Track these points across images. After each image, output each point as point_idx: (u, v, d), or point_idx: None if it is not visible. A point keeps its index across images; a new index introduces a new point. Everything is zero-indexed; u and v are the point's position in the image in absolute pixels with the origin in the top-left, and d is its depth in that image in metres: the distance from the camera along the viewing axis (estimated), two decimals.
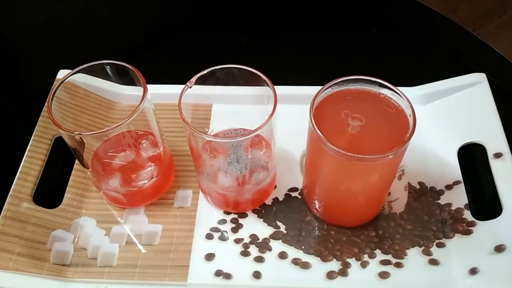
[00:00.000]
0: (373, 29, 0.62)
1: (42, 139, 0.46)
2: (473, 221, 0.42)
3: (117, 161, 0.42)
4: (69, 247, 0.42)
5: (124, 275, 0.41)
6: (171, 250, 0.42)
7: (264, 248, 0.42)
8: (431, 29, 0.63)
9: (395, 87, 0.36)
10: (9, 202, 0.42)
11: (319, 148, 0.35)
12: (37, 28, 0.66)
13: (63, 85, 0.39)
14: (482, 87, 0.48)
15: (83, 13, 0.67)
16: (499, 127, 0.45)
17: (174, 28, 0.65)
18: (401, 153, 0.35)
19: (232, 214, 0.44)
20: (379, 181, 0.38)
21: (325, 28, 0.64)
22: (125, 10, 0.68)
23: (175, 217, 0.44)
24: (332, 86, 0.37)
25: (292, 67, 0.58)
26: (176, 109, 0.36)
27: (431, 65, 0.58)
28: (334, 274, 0.40)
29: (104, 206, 0.45)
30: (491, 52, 0.57)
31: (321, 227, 0.43)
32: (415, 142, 0.37)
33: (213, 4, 0.69)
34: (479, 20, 1.28)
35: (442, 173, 0.45)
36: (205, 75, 0.38)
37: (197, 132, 0.35)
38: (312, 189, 0.42)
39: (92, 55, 0.53)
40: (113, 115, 0.50)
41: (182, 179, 0.46)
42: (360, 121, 0.36)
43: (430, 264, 0.40)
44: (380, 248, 0.41)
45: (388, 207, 0.44)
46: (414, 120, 0.35)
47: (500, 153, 0.43)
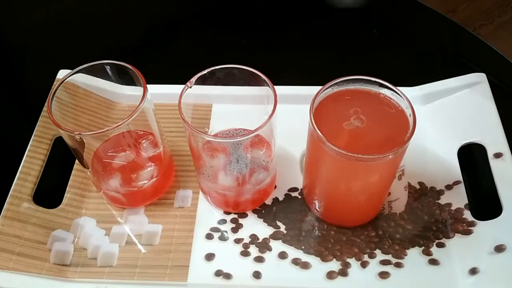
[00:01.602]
0: (373, 29, 0.62)
1: (42, 139, 0.46)
2: (473, 221, 0.42)
3: (117, 161, 0.42)
4: (69, 247, 0.42)
5: (124, 275, 0.41)
6: (171, 250, 0.42)
7: (264, 248, 0.42)
8: (431, 29, 0.63)
9: (395, 87, 0.36)
10: (9, 202, 0.42)
11: (319, 148, 0.35)
12: (37, 28, 0.66)
13: (63, 85, 0.39)
14: (482, 87, 0.48)
15: (83, 13, 0.67)
16: (499, 127, 0.45)
17: (174, 28, 0.65)
18: (401, 153, 0.35)
19: (232, 214, 0.44)
20: (379, 181, 0.38)
21: (325, 28, 0.64)
22: (125, 10, 0.68)
23: (175, 217, 0.44)
24: (332, 86, 0.37)
25: (292, 67, 0.58)
26: (176, 109, 0.36)
27: (431, 65, 0.58)
28: (334, 274, 0.40)
29: (104, 206, 0.45)
30: (491, 52, 0.57)
31: (321, 227, 0.43)
32: (415, 142, 0.37)
33: (213, 4, 0.69)
34: (479, 20, 1.28)
35: (442, 173, 0.45)
36: (205, 75, 0.38)
37: (197, 132, 0.36)
38: (312, 189, 0.42)
39: (92, 55, 0.53)
40: (113, 115, 0.50)
41: (182, 179, 0.46)
42: (360, 121, 0.36)
43: (430, 264, 0.40)
44: (380, 248, 0.41)
45: (388, 207, 0.44)
46: (414, 120, 0.35)
47: (500, 153, 0.43)
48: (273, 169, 0.43)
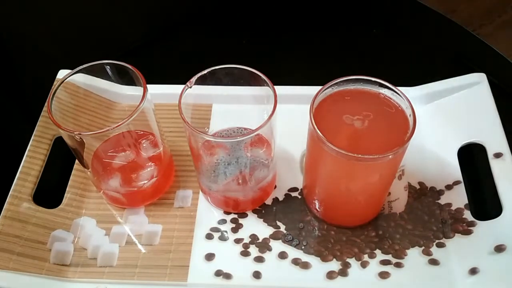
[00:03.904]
0: (373, 29, 0.62)
1: (42, 139, 0.46)
2: (473, 221, 0.42)
3: (117, 161, 0.43)
4: (69, 247, 0.42)
5: (124, 275, 0.41)
6: (171, 250, 0.42)
7: (264, 248, 0.42)
8: (431, 29, 0.63)
9: (395, 87, 0.36)
10: (9, 202, 0.42)
11: (319, 148, 0.35)
12: (37, 28, 0.66)
13: (63, 85, 0.39)
14: (482, 87, 0.48)
15: (83, 13, 0.67)
16: (499, 127, 0.45)
17: (174, 28, 0.65)
18: (401, 153, 0.35)
19: (232, 214, 0.44)
20: (379, 181, 0.38)
21: (325, 28, 0.64)
22: (125, 10, 0.68)
23: (175, 217, 0.44)
24: (332, 86, 0.37)
25: (292, 67, 0.58)
26: (176, 109, 0.36)
27: (431, 65, 0.58)
28: (334, 274, 0.40)
29: (104, 206, 0.45)
30: (491, 52, 0.57)
31: (321, 227, 0.43)
32: (415, 142, 0.37)
33: (213, 4, 0.69)
34: (479, 20, 1.28)
35: (442, 173, 0.45)
36: (205, 75, 0.38)
37: (197, 132, 0.36)
38: (312, 189, 0.42)
39: (92, 55, 0.53)
40: (113, 115, 0.50)
41: (182, 179, 0.46)
42: (360, 121, 0.36)
43: (430, 264, 0.40)
44: (380, 248, 0.41)
45: (388, 207, 0.44)
46: (414, 120, 0.35)
47: (500, 153, 0.43)
48: (273, 169, 0.43)
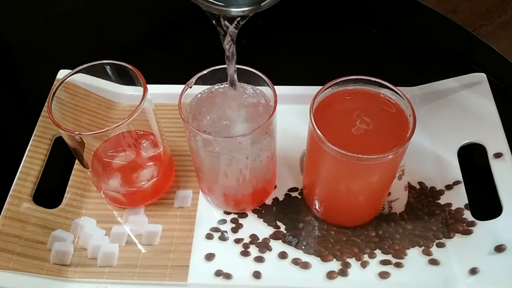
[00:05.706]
0: (373, 29, 0.62)
1: (42, 139, 0.46)
2: (473, 221, 0.42)
3: (117, 161, 0.42)
4: (69, 247, 0.42)
5: (124, 275, 0.41)
6: (171, 250, 0.42)
7: (264, 248, 0.42)
8: (431, 29, 0.63)
9: (395, 87, 0.36)
10: (9, 202, 0.42)
11: (319, 148, 0.35)
12: (37, 28, 0.66)
13: (63, 85, 0.39)
14: (482, 87, 0.48)
15: (83, 13, 0.67)
16: (499, 127, 0.45)
17: (174, 28, 0.65)
18: (401, 153, 0.35)
19: (232, 214, 0.44)
20: (379, 181, 0.38)
21: (325, 28, 0.63)
22: (125, 10, 0.68)
23: (175, 217, 0.44)
24: (332, 86, 0.37)
25: (292, 67, 0.58)
26: (176, 109, 0.36)
27: (431, 65, 0.58)
28: (334, 274, 0.40)
29: (104, 206, 0.45)
30: (491, 52, 0.57)
31: (321, 227, 0.43)
32: (415, 142, 0.37)
33: None
34: (479, 20, 1.28)
35: (442, 173, 0.45)
36: (205, 75, 0.38)
37: (197, 132, 0.36)
38: (312, 189, 0.42)
39: (92, 55, 0.53)
40: (113, 115, 0.49)
41: (182, 179, 0.46)
42: (360, 121, 0.36)
43: (430, 264, 0.40)
44: (380, 248, 0.41)
45: (388, 207, 0.44)
46: (414, 120, 0.35)
47: (500, 153, 0.43)
48: (273, 169, 0.42)
